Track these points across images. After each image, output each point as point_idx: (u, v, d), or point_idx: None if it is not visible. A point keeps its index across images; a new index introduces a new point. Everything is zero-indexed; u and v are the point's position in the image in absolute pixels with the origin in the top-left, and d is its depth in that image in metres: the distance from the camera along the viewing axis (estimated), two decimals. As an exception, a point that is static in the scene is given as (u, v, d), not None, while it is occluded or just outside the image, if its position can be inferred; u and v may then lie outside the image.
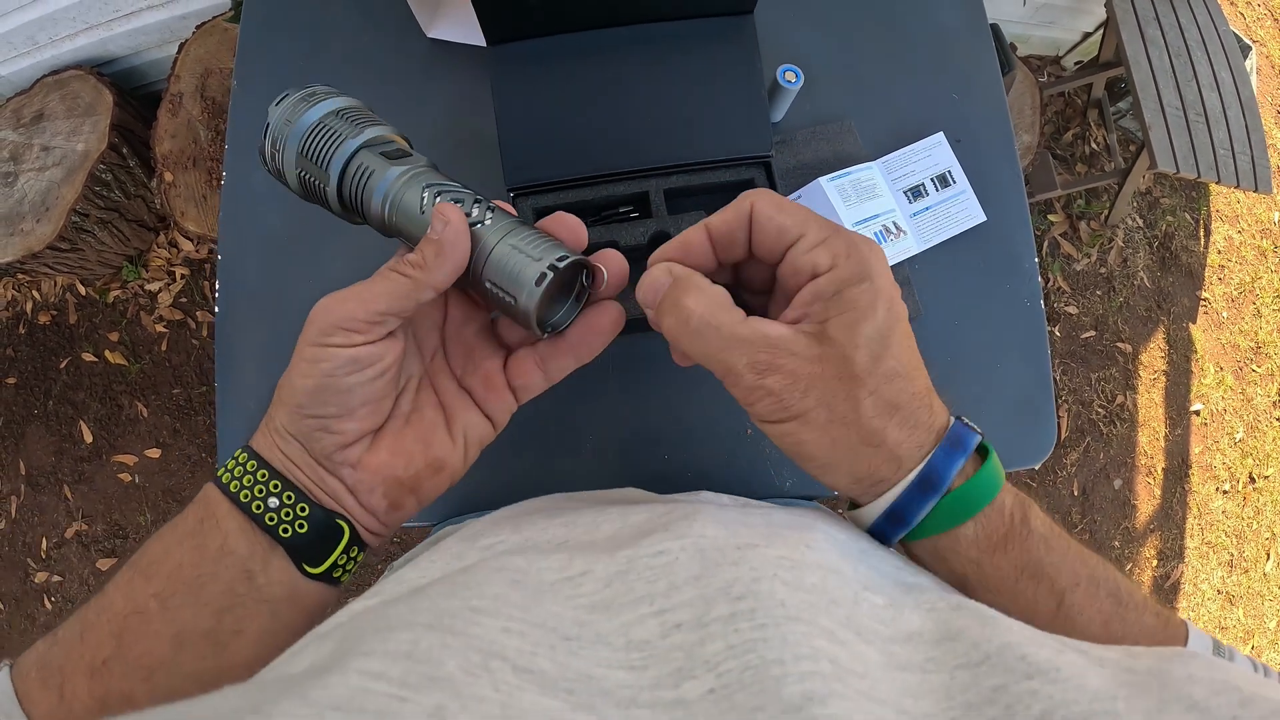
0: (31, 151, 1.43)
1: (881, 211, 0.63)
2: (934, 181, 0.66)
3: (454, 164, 0.64)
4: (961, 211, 0.66)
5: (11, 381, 1.65)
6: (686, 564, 0.25)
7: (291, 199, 0.64)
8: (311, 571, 0.32)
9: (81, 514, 1.60)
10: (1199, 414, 1.99)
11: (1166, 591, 1.88)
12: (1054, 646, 0.21)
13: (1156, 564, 1.88)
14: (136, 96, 1.58)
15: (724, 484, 0.54)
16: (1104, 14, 1.78)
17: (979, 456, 0.31)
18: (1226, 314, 2.09)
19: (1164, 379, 1.99)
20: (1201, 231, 2.14)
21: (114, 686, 0.29)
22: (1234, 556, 1.94)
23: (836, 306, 0.29)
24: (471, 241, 0.32)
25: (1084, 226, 2.01)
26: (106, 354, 1.65)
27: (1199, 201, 2.16)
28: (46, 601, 1.56)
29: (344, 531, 0.33)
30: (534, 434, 0.61)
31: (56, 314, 1.67)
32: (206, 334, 1.66)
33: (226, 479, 0.32)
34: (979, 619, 0.23)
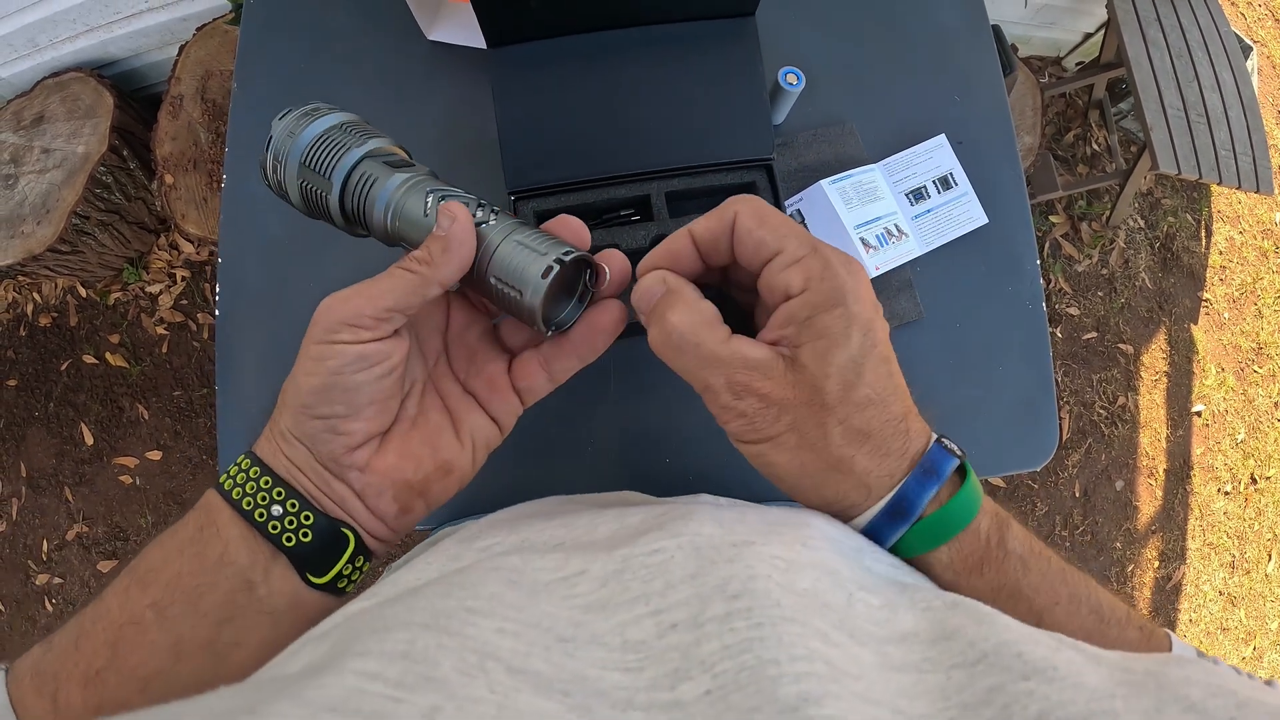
0: (32, 154, 1.43)
1: (883, 214, 0.63)
2: (936, 184, 0.66)
3: (454, 167, 0.64)
4: (963, 214, 0.66)
5: (12, 383, 1.65)
6: (683, 562, 0.24)
7: (292, 202, 0.65)
8: (316, 581, 0.32)
9: (82, 516, 1.60)
10: (1200, 415, 1.99)
11: (1168, 593, 1.87)
12: (1050, 644, 0.21)
13: (1158, 565, 1.88)
14: (137, 99, 1.58)
15: (724, 487, 0.54)
16: (1105, 15, 1.78)
17: (958, 478, 0.31)
18: (1228, 315, 2.09)
19: (1165, 380, 1.99)
20: (1203, 232, 2.14)
21: (109, 696, 0.29)
22: (1236, 558, 1.94)
23: (809, 333, 0.29)
24: (476, 239, 0.32)
25: (1085, 227, 2.00)
26: (107, 356, 1.65)
27: (1200, 202, 2.15)
28: (47, 603, 1.56)
29: (349, 540, 0.32)
30: (534, 437, 0.61)
31: (57, 316, 1.67)
32: (207, 336, 1.66)
33: (229, 485, 0.31)
34: (974, 618, 0.23)
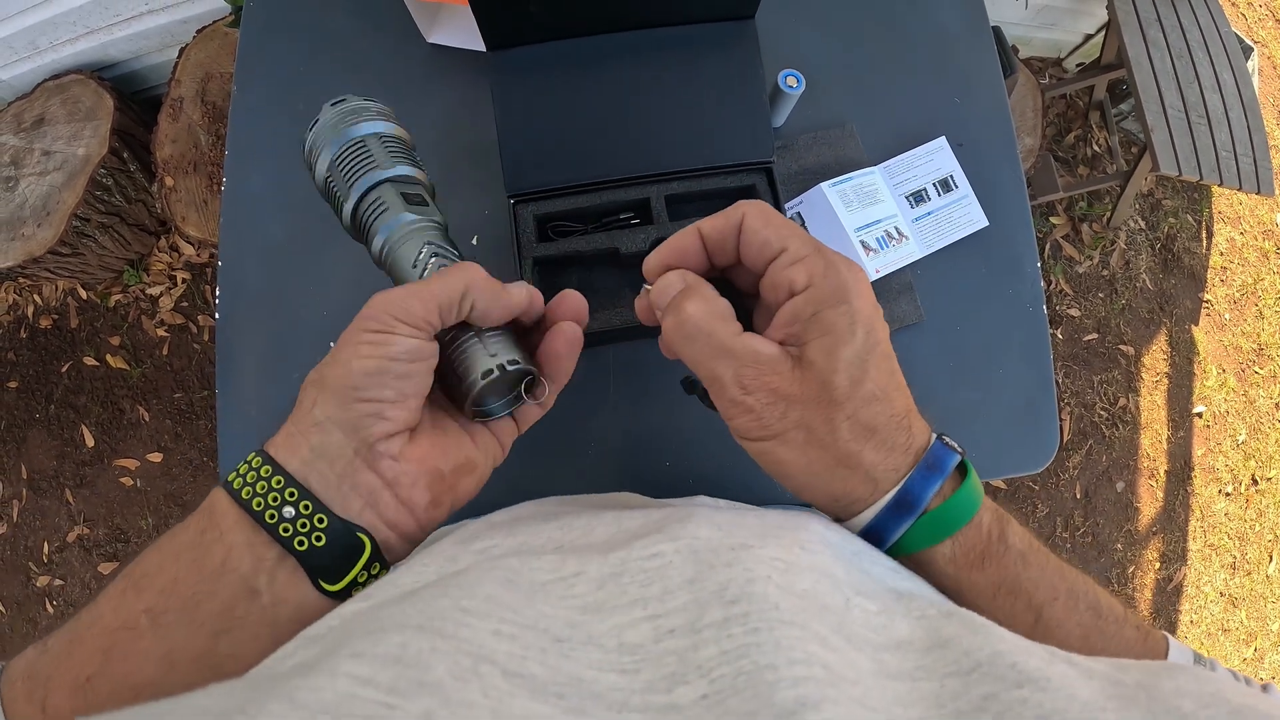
0: (32, 156, 1.43)
1: (883, 217, 0.63)
2: (936, 186, 0.65)
3: (454, 170, 0.64)
4: (964, 216, 0.65)
5: (13, 385, 1.65)
6: (680, 566, 0.24)
7: (291, 204, 0.65)
8: (329, 589, 0.31)
9: (83, 518, 1.60)
10: (1201, 416, 1.99)
11: (1169, 594, 1.87)
12: (1044, 656, 0.21)
13: (1159, 566, 1.88)
14: (137, 101, 1.58)
15: (725, 489, 0.54)
16: (1105, 16, 1.78)
17: (959, 475, 0.31)
18: (1229, 316, 2.09)
19: (1166, 381, 1.98)
20: (1204, 233, 2.13)
21: (98, 705, 0.28)
22: (1236, 559, 1.94)
23: (815, 329, 0.29)
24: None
25: (1086, 229, 2.00)
26: (108, 358, 1.65)
27: (1201, 203, 2.15)
28: (48, 605, 1.56)
29: (364, 545, 0.31)
30: (535, 439, 0.60)
31: (58, 318, 1.67)
32: (208, 338, 1.66)
33: (237, 484, 0.30)
34: (969, 627, 0.23)
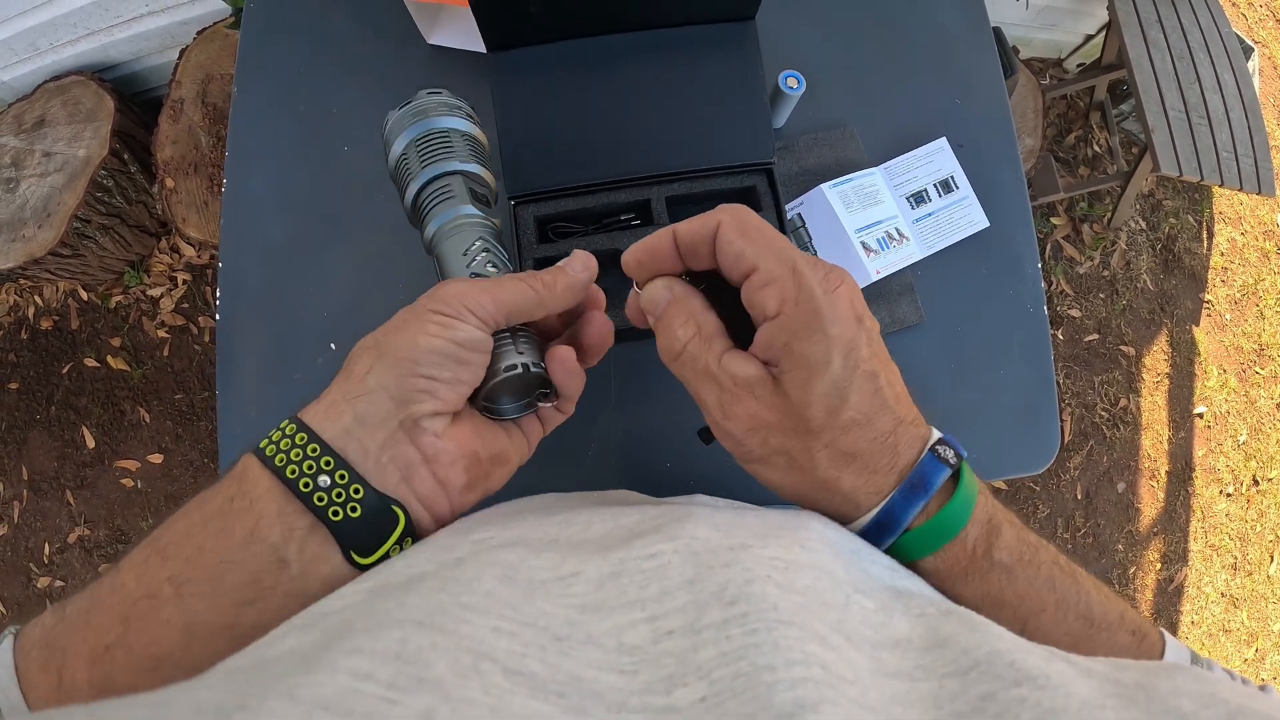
0: (33, 157, 1.43)
1: (884, 218, 0.63)
2: (937, 187, 0.65)
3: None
4: (964, 217, 0.65)
5: (14, 387, 1.65)
6: (679, 567, 0.24)
7: (292, 205, 0.65)
8: (362, 562, 0.30)
9: (84, 519, 1.60)
10: (1202, 417, 1.99)
11: (1170, 595, 1.87)
12: (1042, 655, 0.21)
13: (1160, 567, 1.88)
14: (138, 102, 1.58)
15: (725, 491, 0.54)
16: (1106, 16, 1.78)
17: (953, 483, 0.31)
18: (1230, 316, 2.09)
19: (1167, 382, 1.98)
20: (1204, 234, 2.13)
21: (116, 676, 0.27)
22: (1238, 559, 1.93)
23: (789, 361, 0.29)
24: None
25: (1087, 229, 2.00)
26: (109, 359, 1.65)
27: (1202, 204, 2.15)
28: (49, 606, 1.56)
29: (399, 519, 0.31)
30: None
31: (58, 319, 1.67)
32: (209, 339, 1.66)
33: (270, 451, 0.29)
34: (968, 625, 0.23)
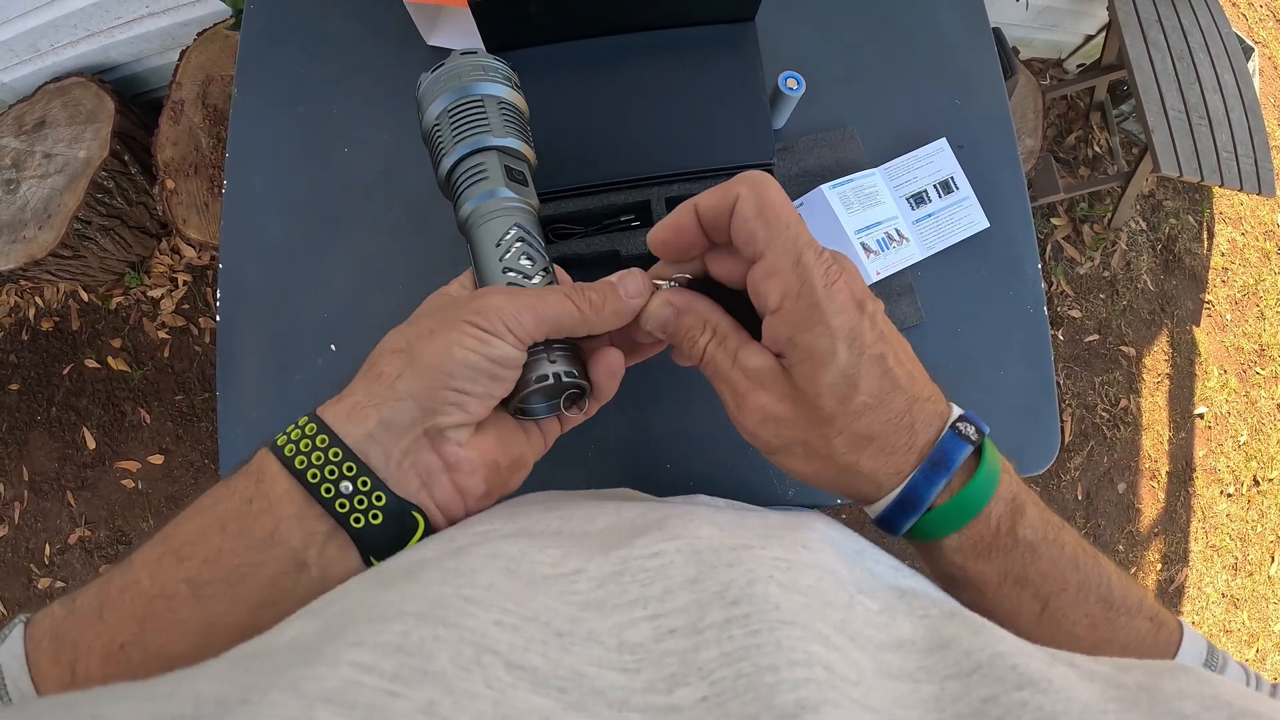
0: (34, 158, 1.43)
1: (884, 219, 0.63)
2: (937, 188, 0.65)
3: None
4: (964, 218, 0.65)
5: (14, 388, 1.65)
6: (682, 566, 0.24)
7: (292, 206, 0.65)
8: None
9: (85, 520, 1.60)
10: (1203, 417, 1.99)
11: (1171, 595, 1.87)
12: (1045, 658, 0.21)
13: (1161, 568, 1.87)
14: (138, 103, 1.58)
15: (727, 492, 0.54)
16: (1106, 16, 1.78)
17: (975, 460, 0.31)
18: (1230, 317, 2.09)
19: (1168, 382, 1.98)
20: (1205, 234, 2.13)
21: (130, 675, 0.27)
22: (1238, 560, 1.93)
23: (795, 354, 0.30)
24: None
25: (1087, 230, 2.00)
26: (109, 360, 1.65)
27: (1202, 204, 2.15)
28: (56, 599, 1.56)
29: (418, 524, 0.31)
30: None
31: (59, 320, 1.67)
32: (209, 340, 1.66)
33: (290, 451, 0.29)
34: (971, 627, 0.23)
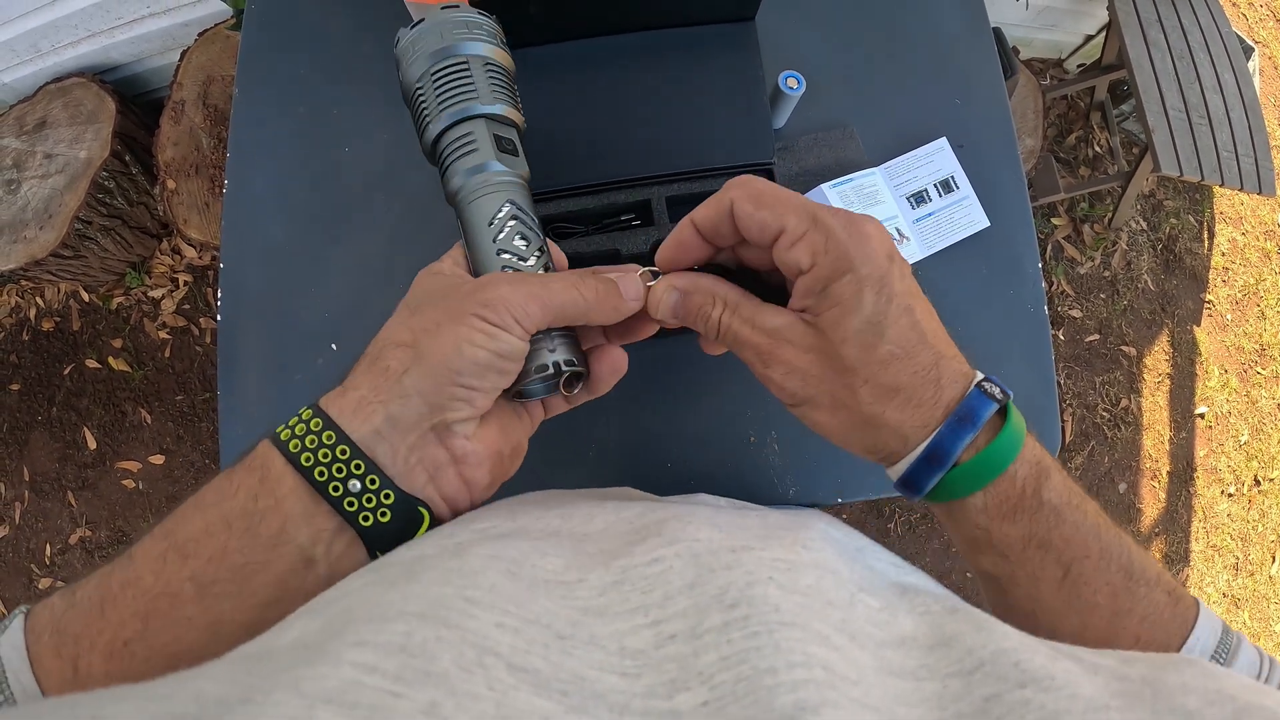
0: (34, 159, 1.43)
1: (884, 218, 0.63)
2: (937, 187, 0.65)
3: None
4: (965, 217, 0.65)
5: (15, 388, 1.65)
6: (681, 571, 0.24)
7: (292, 206, 0.65)
8: None
9: (85, 520, 1.60)
10: (1204, 417, 1.99)
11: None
12: (1048, 654, 0.21)
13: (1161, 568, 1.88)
14: (139, 104, 1.58)
15: (727, 491, 0.54)
16: (1106, 16, 1.78)
17: (1000, 419, 0.31)
18: (1231, 316, 2.09)
19: (1168, 382, 1.98)
20: (1205, 234, 2.13)
21: (135, 671, 0.27)
22: (1239, 560, 1.93)
23: (825, 302, 0.30)
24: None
25: (1087, 229, 2.00)
26: (110, 360, 1.65)
27: (1202, 204, 2.15)
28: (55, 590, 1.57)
29: (423, 519, 0.31)
30: (536, 439, 0.60)
31: (60, 320, 1.68)
32: (210, 340, 1.66)
33: (295, 447, 0.28)
34: (973, 624, 0.23)
